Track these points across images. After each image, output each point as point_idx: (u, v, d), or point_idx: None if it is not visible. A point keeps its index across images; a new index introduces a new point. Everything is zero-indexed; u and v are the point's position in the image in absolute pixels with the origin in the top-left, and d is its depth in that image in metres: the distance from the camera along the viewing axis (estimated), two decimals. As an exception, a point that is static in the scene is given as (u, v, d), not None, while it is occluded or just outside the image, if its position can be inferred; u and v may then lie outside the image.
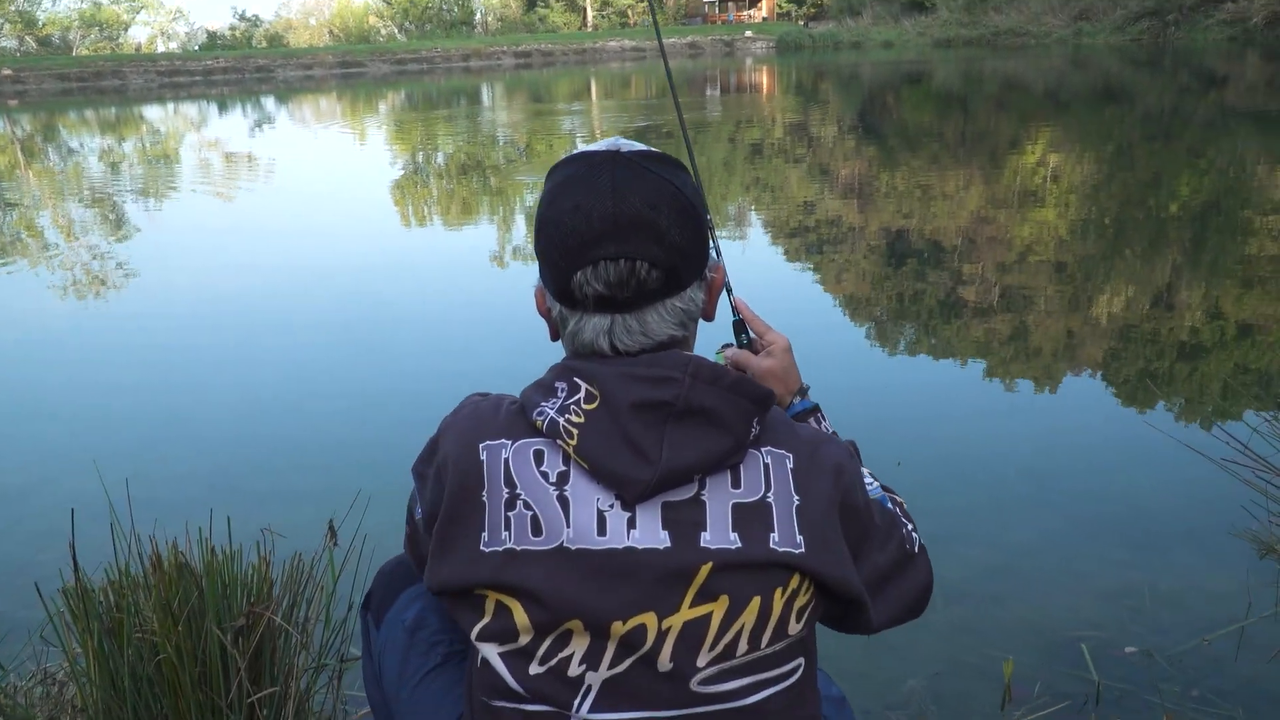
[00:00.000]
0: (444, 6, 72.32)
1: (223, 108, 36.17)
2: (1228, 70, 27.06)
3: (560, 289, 1.22)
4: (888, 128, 20.37)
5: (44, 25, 62.41)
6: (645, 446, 1.12)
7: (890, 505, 1.38)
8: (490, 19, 74.31)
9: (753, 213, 11.33)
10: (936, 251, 8.91)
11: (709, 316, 1.31)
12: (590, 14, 72.70)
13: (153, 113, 34.93)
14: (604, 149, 1.23)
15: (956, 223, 10.25)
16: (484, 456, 1.19)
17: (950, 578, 3.21)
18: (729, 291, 1.62)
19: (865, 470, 1.37)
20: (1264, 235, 8.89)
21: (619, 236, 1.16)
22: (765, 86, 35.12)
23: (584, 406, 1.16)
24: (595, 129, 20.78)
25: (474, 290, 8.29)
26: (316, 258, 9.87)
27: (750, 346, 1.67)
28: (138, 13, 66.58)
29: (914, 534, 1.41)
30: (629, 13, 73.19)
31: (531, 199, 12.86)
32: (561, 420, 1.16)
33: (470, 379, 5.97)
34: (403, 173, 16.52)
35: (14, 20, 60.91)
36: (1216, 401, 5.22)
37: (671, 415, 1.14)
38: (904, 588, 1.34)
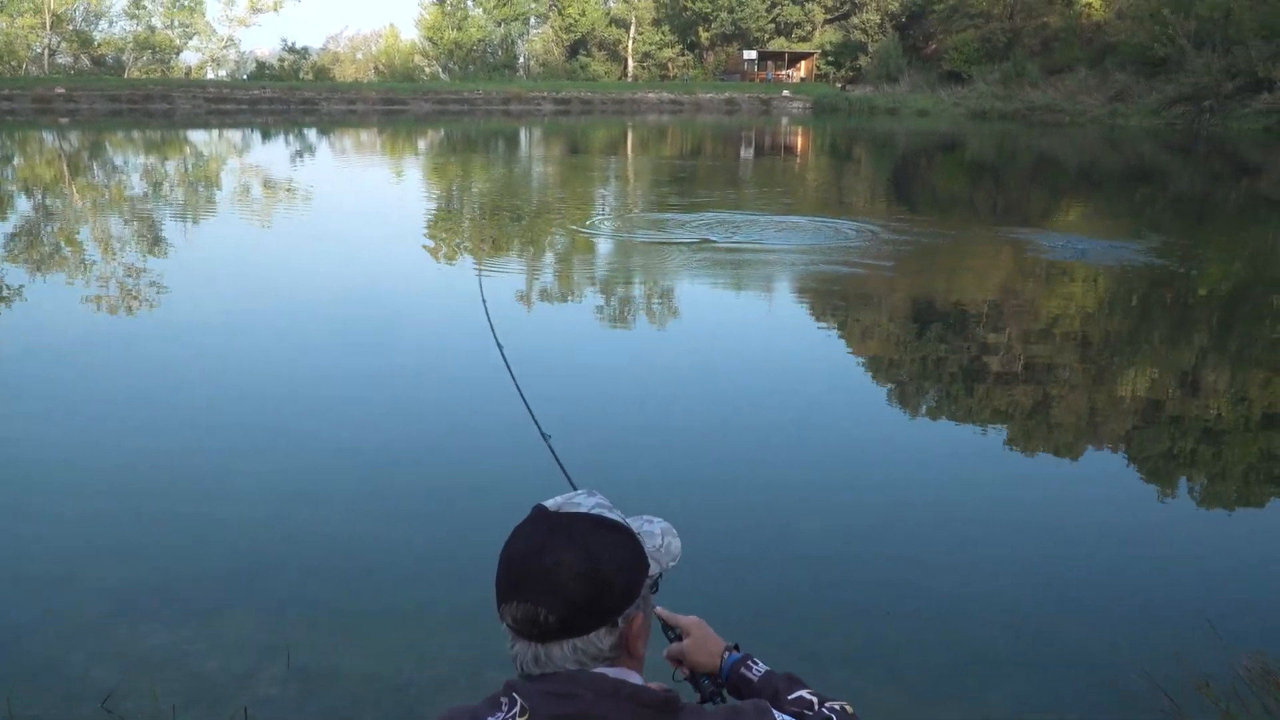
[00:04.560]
0: (488, 49, 73.57)
1: (266, 136, 36.86)
2: (1262, 159, 27.10)
3: (499, 615, 1.47)
4: (922, 197, 20.46)
5: (99, 45, 63.86)
6: None
7: None
8: (533, 64, 75.39)
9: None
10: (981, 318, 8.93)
11: (631, 653, 1.49)
12: (631, 64, 73.69)
13: (197, 136, 35.64)
14: (550, 507, 1.49)
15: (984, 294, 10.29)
16: None
17: None
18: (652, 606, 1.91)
19: (781, 715, 1.53)
20: (1290, 327, 8.89)
21: (526, 585, 1.42)
22: (800, 148, 35.44)
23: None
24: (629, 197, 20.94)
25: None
26: (337, 294, 9.99)
27: (677, 637, 1.91)
28: (190, 39, 68.00)
29: None
30: (669, 65, 74.18)
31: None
32: None
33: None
34: (431, 216, 16.74)
35: (71, 39, 62.35)
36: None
37: None
38: None
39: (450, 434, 5.97)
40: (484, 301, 3.94)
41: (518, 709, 1.40)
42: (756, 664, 1.81)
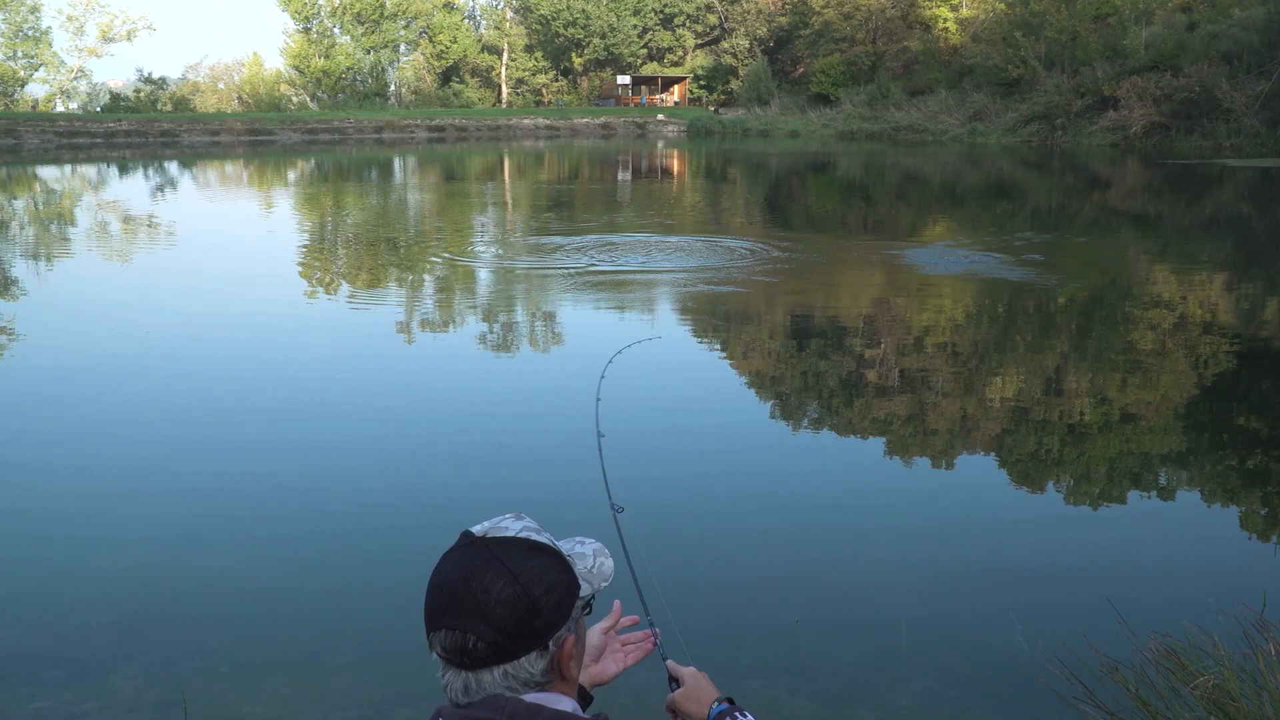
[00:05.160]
0: (358, 78, 72.42)
1: (124, 170, 35.40)
2: (1110, 173, 28.70)
3: (429, 645, 1.45)
4: (796, 215, 20.96)
5: (-66, 78, 60.31)
6: None
7: None
8: (405, 91, 74.56)
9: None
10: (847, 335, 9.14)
11: (564, 675, 1.49)
12: (505, 91, 73.62)
13: (47, 172, 33.98)
14: (476, 532, 1.47)
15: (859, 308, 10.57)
16: None
17: None
18: (664, 658, 1.97)
19: None
20: (1144, 326, 9.40)
21: (453, 611, 1.40)
22: (677, 170, 35.93)
23: None
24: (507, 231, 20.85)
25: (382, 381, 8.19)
26: (211, 330, 9.65)
27: (677, 686, 1.95)
28: (36, 69, 64.84)
29: None
30: (544, 91, 74.40)
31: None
32: None
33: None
34: (306, 245, 16.35)
35: (-98, 71, 58.81)
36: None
37: None
38: None
39: (339, 473, 5.80)
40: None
41: None
42: (744, 715, 1.84)
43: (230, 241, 16.58)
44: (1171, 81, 36.39)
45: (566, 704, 1.45)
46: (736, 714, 1.83)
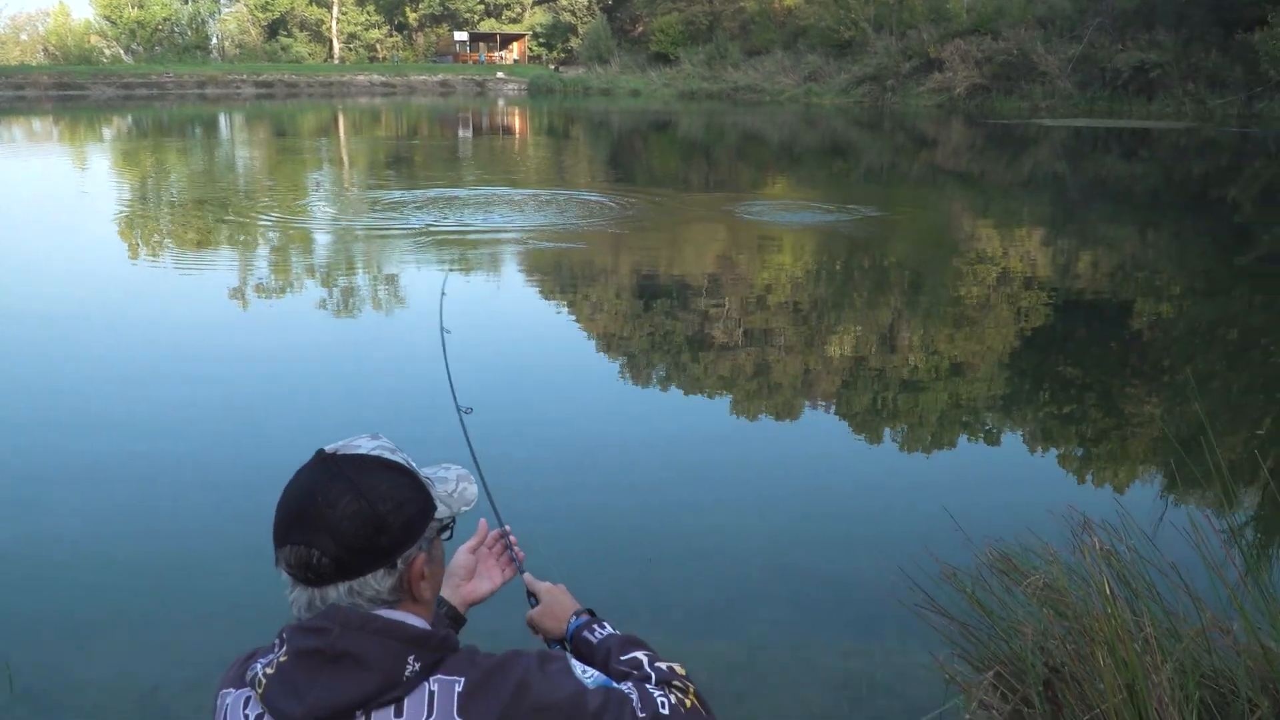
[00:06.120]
0: (175, 29, 68.30)
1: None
2: (936, 133, 29.96)
3: (275, 561, 1.43)
4: (639, 173, 21.06)
5: None
6: (300, 688, 1.33)
7: (621, 686, 1.51)
8: (228, 45, 70.76)
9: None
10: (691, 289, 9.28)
11: (415, 596, 1.46)
12: (337, 46, 70.78)
13: None
14: (328, 450, 1.45)
15: (702, 268, 10.73)
16: (218, 703, 1.45)
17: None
18: (521, 572, 1.95)
19: (580, 665, 1.49)
20: (970, 281, 9.91)
21: (299, 526, 1.38)
22: (519, 128, 35.49)
23: (279, 659, 1.37)
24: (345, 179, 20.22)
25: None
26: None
27: (536, 603, 1.93)
28: None
29: (663, 698, 1.52)
30: (378, 47, 71.96)
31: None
32: (260, 672, 1.38)
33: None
34: (127, 206, 15.41)
35: None
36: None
37: (326, 660, 1.34)
38: None
39: (167, 433, 5.52)
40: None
41: (283, 649, 1.38)
42: (602, 628, 1.82)
43: (43, 203, 15.42)
44: (992, 44, 38.11)
45: (415, 622, 1.42)
46: (595, 626, 1.82)
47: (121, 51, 67.17)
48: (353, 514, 1.38)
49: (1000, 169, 21.19)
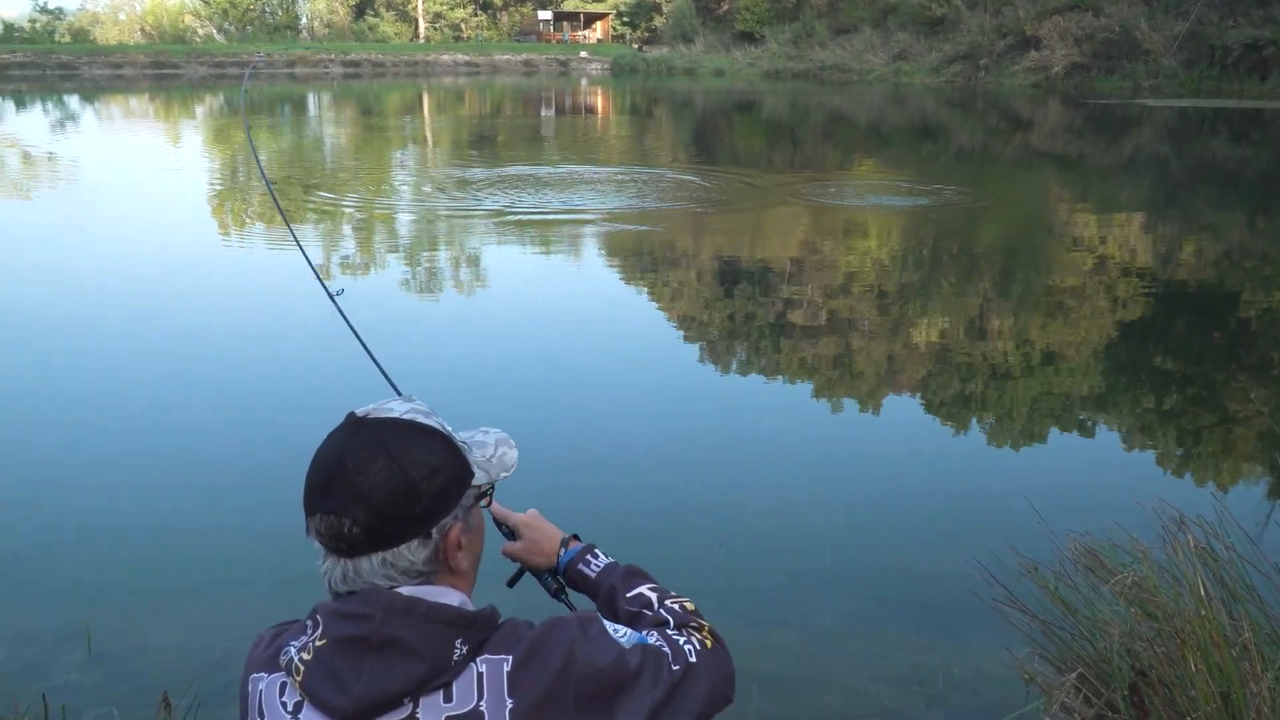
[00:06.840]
0: (266, 9, 69.76)
1: (20, 104, 33.66)
2: (1031, 114, 29.08)
3: (307, 531, 1.37)
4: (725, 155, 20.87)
5: None
6: (345, 678, 1.27)
7: (651, 639, 1.48)
8: (316, 25, 72.05)
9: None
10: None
11: (451, 567, 1.39)
12: (422, 26, 71.60)
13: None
14: (359, 413, 1.38)
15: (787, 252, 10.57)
16: (250, 688, 1.38)
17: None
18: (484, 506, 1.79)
19: (611, 625, 1.45)
20: (1065, 268, 9.57)
21: (330, 495, 1.32)
22: (601, 108, 35.46)
23: (316, 644, 1.31)
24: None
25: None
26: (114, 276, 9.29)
27: (511, 535, 1.84)
28: (-76, -2, 61.26)
29: (688, 644, 1.51)
30: (462, 26, 72.58)
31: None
32: (296, 657, 1.32)
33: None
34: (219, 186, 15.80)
35: None
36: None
37: (370, 648, 1.28)
38: (696, 693, 1.46)
39: (252, 408, 5.63)
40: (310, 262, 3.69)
41: (319, 632, 1.31)
42: (597, 557, 1.76)
43: (138, 178, 15.91)
44: (1092, 21, 36.80)
45: (453, 597, 1.36)
46: (589, 557, 1.76)
47: (214, 31, 68.88)
48: (385, 481, 1.32)
49: (1099, 152, 20.45)
